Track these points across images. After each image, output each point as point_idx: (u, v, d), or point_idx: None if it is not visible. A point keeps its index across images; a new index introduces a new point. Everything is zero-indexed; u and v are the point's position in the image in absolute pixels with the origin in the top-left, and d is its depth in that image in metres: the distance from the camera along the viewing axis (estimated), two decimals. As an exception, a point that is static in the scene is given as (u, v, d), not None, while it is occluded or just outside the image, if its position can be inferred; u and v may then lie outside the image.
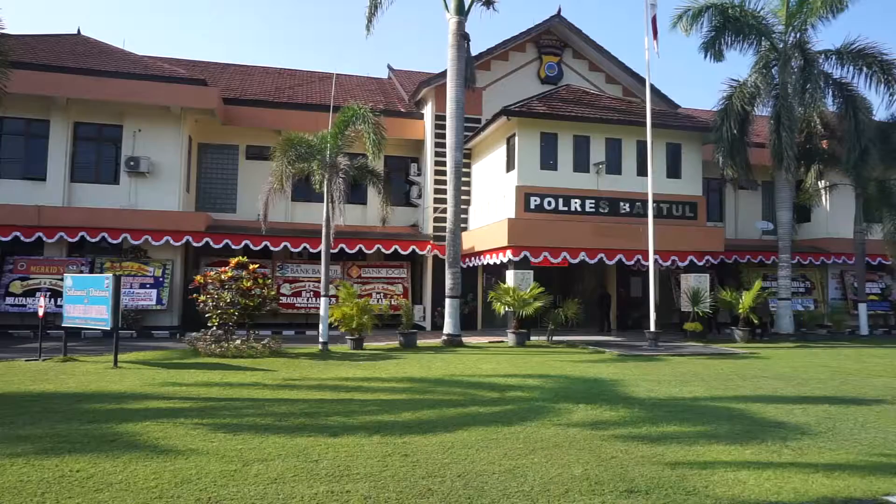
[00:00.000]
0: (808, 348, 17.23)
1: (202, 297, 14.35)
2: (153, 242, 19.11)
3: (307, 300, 21.46)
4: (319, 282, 16.61)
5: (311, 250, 20.41)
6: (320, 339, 15.14)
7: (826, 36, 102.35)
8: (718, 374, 11.66)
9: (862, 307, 22.43)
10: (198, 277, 14.92)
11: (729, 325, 20.87)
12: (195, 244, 19.65)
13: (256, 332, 15.00)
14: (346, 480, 5.06)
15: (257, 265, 15.48)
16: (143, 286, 19.29)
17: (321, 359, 13.39)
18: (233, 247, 19.71)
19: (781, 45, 20.64)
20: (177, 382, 9.80)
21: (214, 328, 14.18)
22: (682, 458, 5.89)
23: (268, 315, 17.42)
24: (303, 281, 21.71)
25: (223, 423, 7.01)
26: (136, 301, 19.04)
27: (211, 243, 19.65)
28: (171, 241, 19.21)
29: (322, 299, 15.65)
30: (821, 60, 20.62)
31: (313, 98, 23.93)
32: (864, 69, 20.03)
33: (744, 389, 10.00)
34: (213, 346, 13.52)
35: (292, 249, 20.82)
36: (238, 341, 13.81)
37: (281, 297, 20.96)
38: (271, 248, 20.39)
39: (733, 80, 21.22)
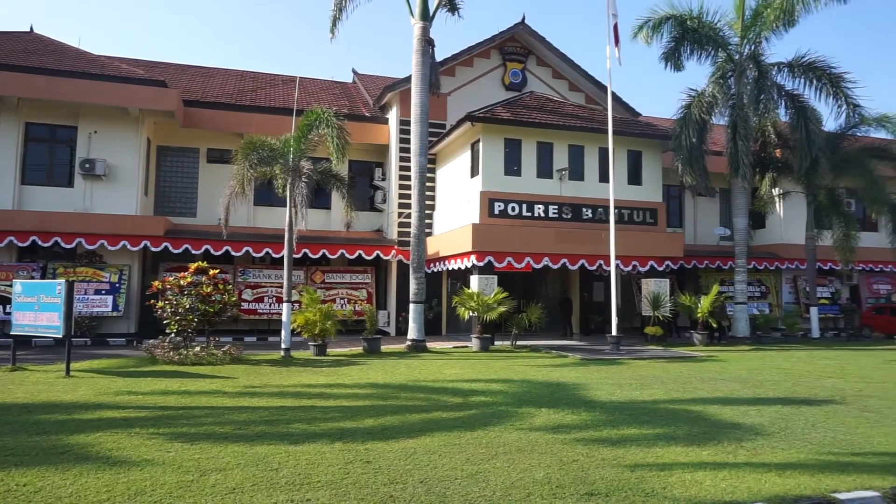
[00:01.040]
0: (763, 351, 17.71)
1: (160, 304, 14.01)
2: (109, 247, 18.59)
3: (269, 306, 21.15)
4: (282, 287, 16.39)
5: (273, 255, 20.15)
6: (282, 346, 14.92)
7: (779, 49, 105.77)
8: (678, 377, 11.89)
9: (813, 311, 23.19)
10: (156, 283, 14.56)
11: (688, 329, 21.34)
12: (153, 249, 19.19)
13: (217, 339, 14.70)
14: (307, 489, 4.98)
15: (218, 270, 15.20)
16: (98, 292, 18.76)
17: (283, 365, 13.20)
18: (193, 252, 19.32)
19: (737, 57, 21.27)
20: (132, 391, 9.53)
21: (173, 335, 13.85)
22: (642, 460, 5.98)
23: (229, 321, 17.10)
24: (265, 286, 21.39)
25: (180, 432, 6.85)
26: (91, 307, 18.49)
27: (170, 248, 19.23)
28: (129, 246, 18.72)
29: (284, 305, 15.44)
30: (774, 72, 21.33)
31: (276, 101, 23.67)
32: (815, 82, 20.78)
33: (702, 392, 10.22)
34: (171, 353, 13.19)
35: (254, 254, 20.52)
36: (197, 348, 13.51)
37: (242, 303, 20.65)
38: (233, 253, 20.05)
39: (692, 89, 21.80)
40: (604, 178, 19.23)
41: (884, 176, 22.84)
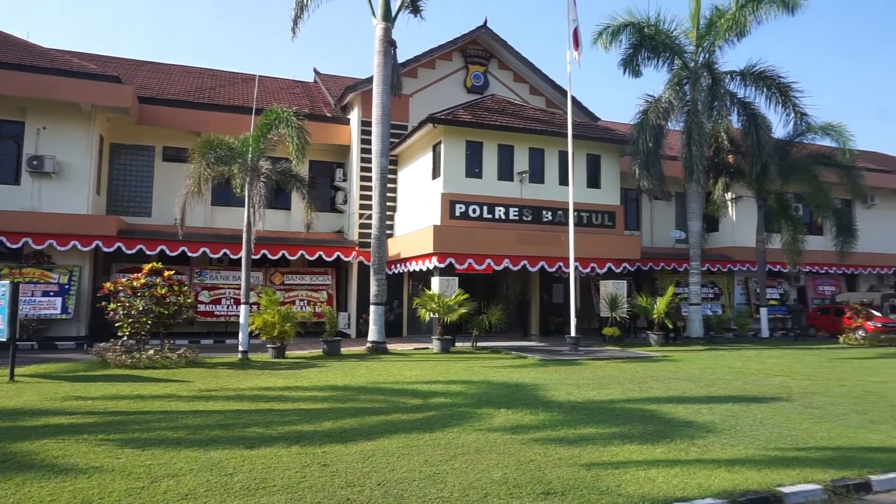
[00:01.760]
0: (715, 350, 18.21)
1: (112, 306, 13.60)
2: (58, 247, 17.96)
3: (227, 308, 20.76)
4: (240, 289, 16.10)
5: (231, 256, 19.78)
6: (240, 348, 14.66)
7: (733, 58, 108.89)
8: (634, 377, 12.14)
9: (763, 311, 23.97)
10: (107, 284, 14.13)
11: (645, 330, 21.79)
12: (106, 249, 18.62)
13: (172, 342, 14.35)
14: (262, 493, 4.92)
15: (173, 272, 14.86)
16: (46, 294, 18.09)
17: (240, 368, 12.98)
18: (147, 252, 18.84)
19: (692, 65, 21.85)
20: (81, 396, 9.22)
21: (125, 338, 13.48)
22: (598, 459, 6.09)
23: (184, 324, 16.75)
24: (223, 288, 21.00)
25: (131, 437, 6.67)
26: (39, 310, 17.83)
27: (123, 248, 18.69)
28: (79, 246, 18.12)
29: (242, 307, 15.17)
30: (727, 80, 21.97)
31: (236, 100, 23.28)
32: (765, 90, 21.49)
33: (657, 391, 10.45)
34: (123, 356, 12.82)
35: (211, 255, 20.12)
36: (151, 351, 13.17)
37: (199, 305, 20.22)
38: (189, 254, 19.62)
39: (649, 95, 22.30)
40: (563, 181, 19.49)
41: (828, 182, 23.74)
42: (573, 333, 17.36)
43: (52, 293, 18.16)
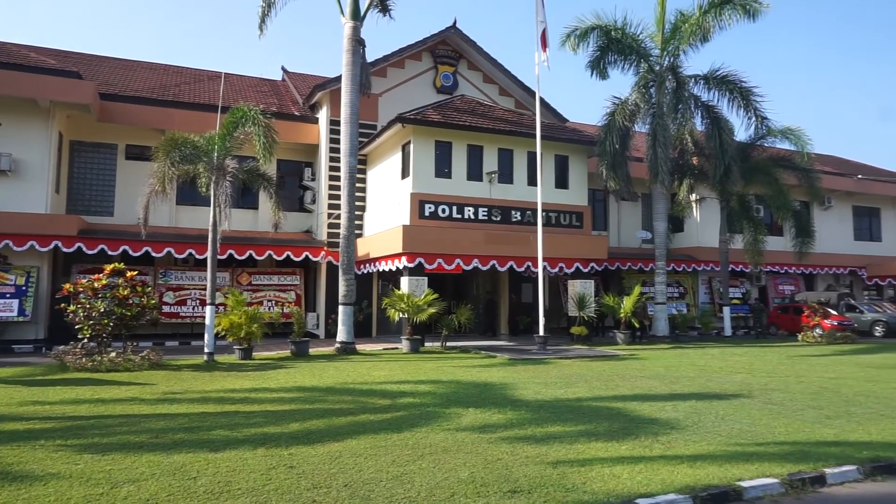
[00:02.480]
0: (680, 349, 18.56)
1: (72, 308, 13.26)
2: (15, 248, 17.43)
3: (193, 309, 20.41)
4: (206, 289, 15.84)
5: (197, 256, 19.44)
6: (206, 350, 14.42)
7: (697, 62, 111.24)
8: (600, 375, 12.29)
9: (726, 310, 24.52)
10: (67, 286, 13.77)
11: (612, 329, 22.09)
12: (65, 250, 18.12)
13: (135, 344, 14.03)
14: (226, 497, 4.85)
15: (136, 272, 14.53)
16: (2, 296, 17.55)
17: (206, 370, 12.76)
18: (109, 253, 18.41)
19: (658, 68, 22.22)
20: (39, 401, 8.97)
21: (86, 340, 13.14)
22: (564, 457, 6.15)
23: (148, 325, 16.36)
24: (188, 289, 20.63)
25: (91, 442, 6.50)
26: (-6, 312, 17.27)
27: (84, 249, 18.22)
28: (37, 247, 17.60)
29: (208, 307, 14.93)
30: (691, 84, 22.40)
31: (201, 97, 22.89)
32: (728, 94, 21.97)
33: (623, 389, 10.61)
34: (83, 359, 12.50)
35: (176, 255, 19.75)
36: (113, 354, 12.87)
37: (164, 306, 19.85)
38: (153, 254, 19.22)
39: (616, 97, 22.62)
40: (532, 181, 19.65)
41: (788, 184, 24.41)
42: (542, 333, 17.51)
43: (8, 295, 17.62)
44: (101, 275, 13.75)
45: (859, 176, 32.14)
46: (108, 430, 7.12)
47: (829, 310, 23.93)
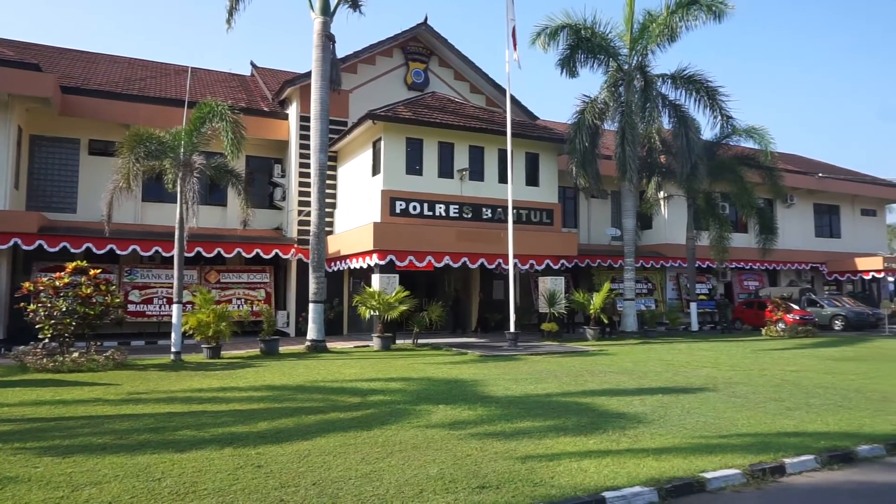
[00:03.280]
0: (648, 344, 18.86)
1: (32, 307, 12.90)
2: (-28, 245, 16.88)
3: (160, 307, 20.04)
4: (173, 287, 15.56)
5: (164, 254, 19.08)
6: (173, 349, 14.16)
7: (664, 62, 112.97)
8: (570, 371, 12.43)
9: (693, 306, 25.00)
10: (26, 284, 13.38)
11: (582, 325, 22.33)
12: (25, 247, 17.62)
13: (99, 344, 13.72)
14: (192, 498, 4.78)
15: (100, 270, 14.20)
16: (-42, 295, 16.99)
17: (173, 370, 12.55)
18: (72, 250, 17.94)
19: (627, 67, 22.50)
20: (-3, 402, 8.72)
21: (47, 340, 12.81)
22: (533, 452, 6.21)
23: (113, 325, 16.03)
24: (154, 287, 20.25)
25: (51, 445, 6.34)
26: (-50, 312, 16.71)
27: (45, 246, 17.74)
28: (-5, 244, 17.08)
29: (175, 306, 14.66)
30: (659, 83, 22.73)
31: (168, 92, 22.44)
32: (694, 93, 22.34)
33: (592, 384, 10.74)
34: (44, 360, 12.17)
35: (142, 253, 19.35)
36: (76, 354, 12.57)
37: (129, 305, 19.47)
38: (118, 252, 18.80)
39: (586, 96, 22.84)
40: (503, 179, 19.74)
41: (752, 182, 24.97)
42: (513, 329, 17.62)
43: (-35, 294, 17.06)
44: (62, 273, 13.42)
45: (820, 174, 33.03)
46: (70, 432, 6.95)
47: (792, 305, 24.56)
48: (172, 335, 14.36)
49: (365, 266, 18.92)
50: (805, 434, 7.07)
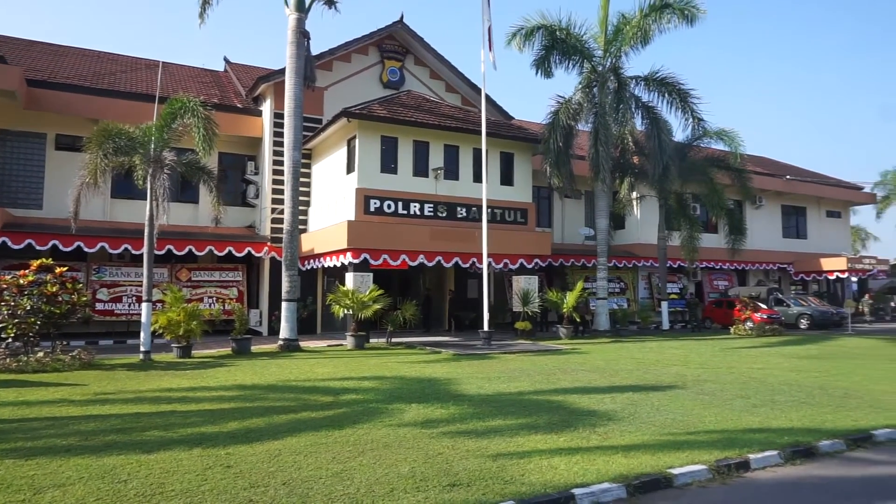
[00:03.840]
0: (620, 342, 19.08)
1: (-6, 306, 12.57)
2: (-69, 242, 16.39)
3: (129, 306, 19.70)
4: (142, 286, 15.30)
5: (133, 252, 18.74)
6: (142, 349, 13.92)
7: (637, 63, 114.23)
8: (543, 369, 12.52)
9: (664, 305, 25.37)
10: (-11, 282, 13.04)
11: (556, 324, 22.51)
12: (-12, 245, 17.17)
13: (65, 344, 13.43)
14: (159, 499, 4.72)
15: (66, 268, 13.91)
16: (-83, 293, 16.45)
17: (142, 369, 12.34)
18: (38, 247, 17.51)
19: (601, 69, 22.74)
20: (-43, 404, 8.48)
21: (11, 340, 12.50)
22: (504, 450, 6.25)
23: (80, 324, 15.71)
24: (124, 285, 19.90)
25: (14, 447, 6.18)
26: None
27: (9, 243, 17.30)
28: (-44, 241, 16.61)
29: (144, 304, 14.42)
30: (632, 85, 23.02)
31: (138, 87, 22.03)
32: (667, 95, 22.68)
33: (564, 382, 10.83)
34: (8, 360, 11.87)
35: (111, 251, 18.97)
36: (41, 354, 12.28)
37: (97, 304, 19.10)
38: (86, 250, 18.42)
39: (560, 96, 23.04)
40: (477, 178, 19.79)
41: (722, 184, 25.43)
42: (486, 328, 17.68)
43: (-76, 292, 16.53)
44: (27, 271, 13.11)
45: (788, 177, 33.79)
46: (33, 434, 6.80)
47: (760, 304, 25.06)
48: (141, 334, 14.13)
49: (339, 264, 18.82)
50: (769, 430, 7.24)
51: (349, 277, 18.09)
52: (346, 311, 17.20)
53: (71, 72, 21.87)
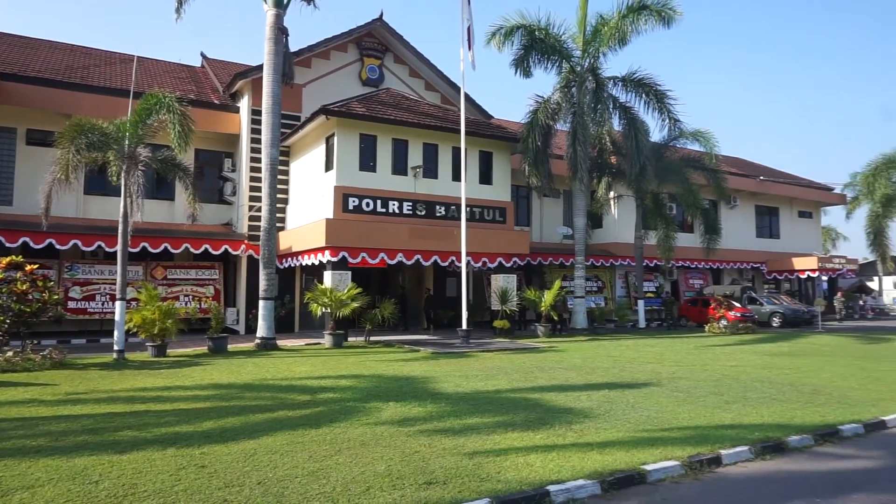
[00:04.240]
0: (597, 340, 19.27)
1: (-38, 304, 12.31)
2: None
3: (102, 305, 19.37)
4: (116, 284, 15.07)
5: (107, 249, 18.41)
6: (115, 348, 13.72)
7: (615, 64, 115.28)
8: (520, 367, 12.60)
9: (641, 303, 25.65)
10: (-43, 280, 12.75)
11: (534, 322, 22.64)
12: (-45, 241, 16.75)
13: (36, 342, 13.20)
14: (131, 500, 4.66)
15: (37, 265, 13.66)
16: None
17: (115, 369, 12.16)
18: (7, 244, 17.12)
19: (579, 69, 22.90)
20: (-77, 404, 8.29)
21: (-21, 339, 12.24)
22: (480, 448, 6.29)
23: (51, 322, 15.42)
24: (97, 283, 19.56)
25: (-19, 448, 6.08)
26: None
27: (-23, 240, 16.90)
28: (-78, 238, 16.18)
29: (118, 302, 14.19)
30: (610, 85, 23.22)
31: (113, 81, 21.65)
32: (644, 96, 22.91)
33: (541, 380, 10.91)
34: (-24, 359, 11.62)
35: (84, 248, 18.63)
36: (10, 353, 12.04)
37: (70, 302, 18.75)
38: (58, 247, 18.05)
39: (539, 96, 23.16)
40: (456, 176, 19.82)
41: (698, 184, 25.78)
42: (465, 326, 17.73)
43: None
44: (-4, 268, 12.85)
45: (761, 177, 34.36)
46: (2, 434, 6.66)
47: (733, 302, 25.47)
48: (115, 333, 13.92)
49: (317, 263, 18.72)
50: (741, 426, 7.37)
51: (327, 276, 18.00)
52: (324, 310, 17.12)
53: (42, 65, 21.42)
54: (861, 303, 34.98)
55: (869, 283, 40.53)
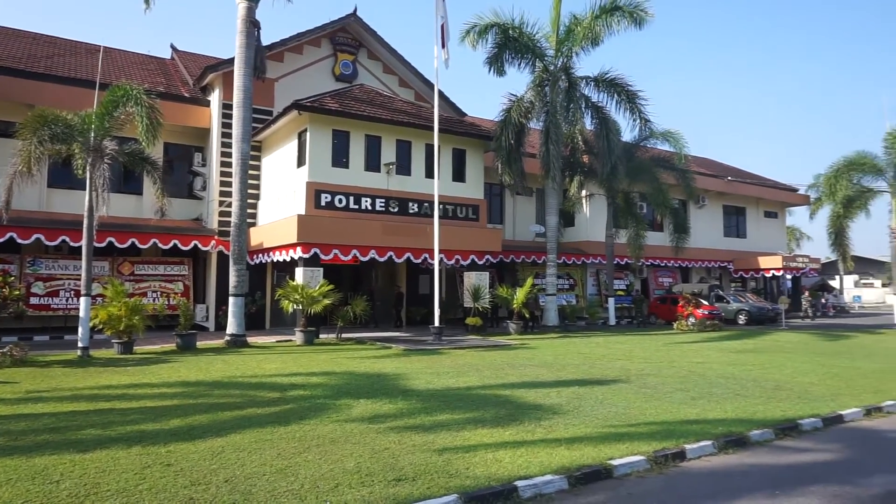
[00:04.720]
0: (568, 338, 19.46)
1: (-82, 299, 11.91)
2: None
3: (67, 300, 18.92)
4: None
5: (71, 244, 17.99)
6: (80, 344, 13.42)
7: (588, 64, 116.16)
8: (491, 364, 12.67)
9: (611, 301, 25.99)
10: (-88, 275, 12.34)
11: (506, 319, 22.78)
12: (-89, 235, 16.19)
13: (-5, 339, 12.84)
14: (93, 499, 4.58)
15: (-3, 260, 13.27)
16: None
17: (79, 366, 11.90)
18: (-35, 239, 16.64)
19: (552, 68, 23.05)
20: None
21: (-65, 335, 11.86)
22: (450, 444, 6.31)
23: (11, 318, 15.00)
24: (61, 279, 19.10)
25: (-63, 447, 5.90)
26: None
27: (-66, 234, 16.37)
28: None
29: (83, 299, 13.88)
30: (582, 85, 23.41)
31: (78, 72, 21.13)
32: (615, 96, 23.14)
33: (512, 377, 10.99)
34: (-68, 356, 11.27)
35: (47, 243, 18.18)
36: (-32, 350, 11.70)
37: (32, 298, 18.28)
38: (20, 241, 17.57)
39: (512, 94, 23.26)
40: (430, 174, 19.82)
41: (668, 183, 26.16)
42: (437, 324, 17.75)
43: None
44: (-46, 263, 12.46)
45: (729, 178, 35.05)
46: (-41, 434, 6.49)
47: (701, 300, 25.95)
48: (80, 329, 13.61)
49: (289, 259, 18.56)
50: (705, 421, 7.53)
51: (299, 272, 17.86)
52: (295, 307, 16.99)
53: (3, 53, 20.80)
54: (823, 301, 35.94)
55: (830, 282, 41.68)
